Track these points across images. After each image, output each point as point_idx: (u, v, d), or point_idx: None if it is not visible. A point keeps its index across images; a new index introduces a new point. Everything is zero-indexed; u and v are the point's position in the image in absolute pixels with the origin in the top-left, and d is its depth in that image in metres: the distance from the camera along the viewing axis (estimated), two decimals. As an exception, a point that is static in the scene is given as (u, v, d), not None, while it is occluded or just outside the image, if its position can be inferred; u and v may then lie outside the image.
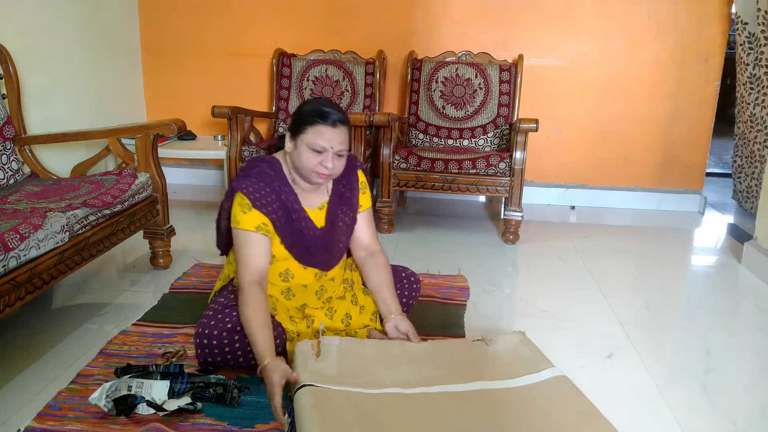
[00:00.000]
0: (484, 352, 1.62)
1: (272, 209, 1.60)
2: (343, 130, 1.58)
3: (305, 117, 1.57)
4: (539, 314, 2.15)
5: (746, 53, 3.20)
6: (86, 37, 3.15)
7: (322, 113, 1.55)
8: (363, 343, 1.66)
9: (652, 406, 1.59)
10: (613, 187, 3.65)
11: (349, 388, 1.43)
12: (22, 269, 1.60)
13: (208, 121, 3.66)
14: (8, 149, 2.30)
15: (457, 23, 3.48)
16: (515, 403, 1.40)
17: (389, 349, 1.64)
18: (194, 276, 2.34)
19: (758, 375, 1.80)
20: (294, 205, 1.65)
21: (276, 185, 1.63)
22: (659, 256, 2.84)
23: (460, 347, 1.68)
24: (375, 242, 1.84)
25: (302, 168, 1.60)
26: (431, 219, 3.37)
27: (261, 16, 3.57)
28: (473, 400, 1.42)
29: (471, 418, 1.35)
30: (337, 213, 1.73)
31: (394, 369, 1.53)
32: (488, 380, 1.49)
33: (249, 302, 1.52)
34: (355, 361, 1.55)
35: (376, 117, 2.78)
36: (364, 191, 1.81)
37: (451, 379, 1.50)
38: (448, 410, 1.38)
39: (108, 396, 1.43)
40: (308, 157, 1.57)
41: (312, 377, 1.43)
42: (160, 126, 2.29)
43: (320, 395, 1.37)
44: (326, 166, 1.57)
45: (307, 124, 1.56)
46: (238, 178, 1.63)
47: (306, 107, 1.60)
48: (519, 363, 1.55)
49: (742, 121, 3.37)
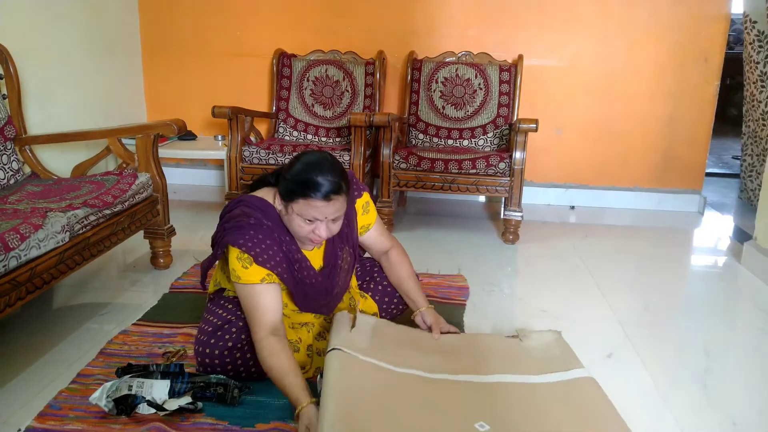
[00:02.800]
0: (516, 348, 1.61)
1: (275, 263, 1.49)
2: (338, 200, 1.45)
3: (295, 187, 1.44)
4: (539, 314, 2.15)
5: (756, 51, 3.19)
6: (86, 37, 3.15)
7: (314, 185, 1.42)
8: (397, 327, 1.71)
9: (651, 406, 1.59)
10: (613, 187, 3.65)
11: (376, 361, 1.48)
12: (23, 269, 1.60)
13: (208, 121, 3.66)
14: (9, 149, 2.30)
15: (457, 23, 3.48)
16: (536, 399, 1.40)
17: (421, 336, 1.68)
18: (194, 276, 2.34)
19: (758, 375, 1.80)
20: (296, 255, 1.56)
21: (276, 236, 1.52)
22: (659, 256, 2.84)
23: (492, 341, 1.68)
24: (389, 242, 1.81)
25: (294, 234, 1.53)
26: (431, 219, 3.37)
27: (261, 16, 3.57)
28: (495, 391, 1.43)
29: (489, 409, 1.36)
30: (335, 251, 1.65)
31: (423, 354, 1.56)
32: (514, 374, 1.48)
33: (266, 354, 1.42)
34: (387, 340, 1.60)
35: (376, 117, 2.78)
36: (368, 210, 1.73)
37: (477, 370, 1.50)
38: (468, 399, 1.39)
39: (108, 396, 1.43)
40: (300, 225, 1.47)
41: (344, 343, 1.48)
42: (161, 126, 2.29)
43: (348, 360, 1.44)
44: (319, 234, 1.47)
45: (299, 196, 1.44)
46: (233, 231, 1.48)
47: (297, 170, 1.46)
48: (548, 361, 1.54)
49: (752, 120, 3.38)
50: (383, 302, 1.81)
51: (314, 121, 3.42)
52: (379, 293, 1.82)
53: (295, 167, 1.47)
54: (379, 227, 1.78)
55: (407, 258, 1.82)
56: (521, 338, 1.65)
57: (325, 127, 3.42)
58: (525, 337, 1.65)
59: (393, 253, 1.80)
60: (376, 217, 1.76)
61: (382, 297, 1.82)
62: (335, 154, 2.93)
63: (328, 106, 3.43)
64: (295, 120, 3.44)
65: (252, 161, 2.96)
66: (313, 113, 3.43)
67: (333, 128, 3.41)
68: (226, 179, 3.05)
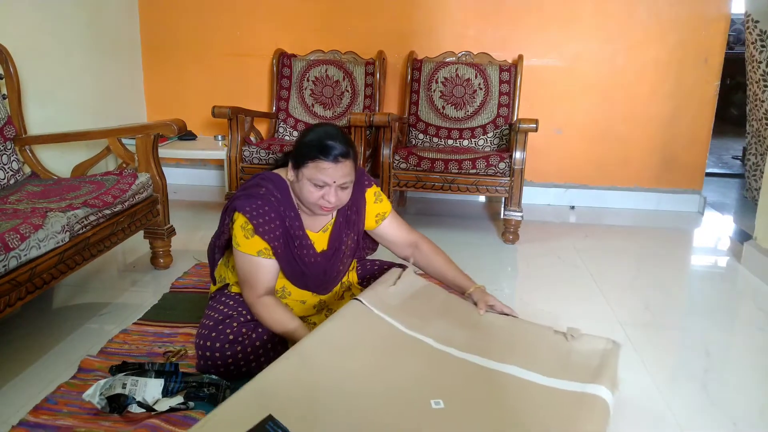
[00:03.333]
0: (555, 345, 1.52)
1: (274, 236, 1.56)
2: (346, 164, 1.52)
3: (307, 150, 1.51)
4: (539, 314, 2.14)
5: (758, 51, 3.19)
6: (86, 36, 3.15)
7: (324, 147, 1.49)
8: (443, 297, 1.71)
9: (651, 406, 1.59)
10: (613, 187, 3.65)
11: (389, 318, 1.52)
12: (23, 269, 1.60)
13: (208, 121, 3.66)
14: (9, 149, 2.30)
15: (457, 23, 3.48)
16: (525, 399, 1.32)
17: (465, 310, 1.67)
18: (195, 276, 2.34)
19: (758, 375, 1.80)
20: (297, 231, 1.61)
21: (282, 209, 1.59)
22: (659, 256, 2.84)
23: (535, 331, 1.60)
24: (413, 235, 1.82)
25: (304, 201, 1.57)
26: (431, 219, 3.37)
27: (261, 16, 3.57)
28: (488, 377, 1.39)
29: (473, 392, 1.33)
30: (341, 237, 1.69)
31: (449, 326, 1.55)
32: (524, 368, 1.41)
33: (264, 310, 1.55)
34: (421, 305, 1.61)
35: (376, 117, 2.79)
36: (380, 199, 1.77)
37: (491, 354, 1.45)
38: (451, 376, 1.38)
39: (102, 393, 1.44)
40: (309, 190, 1.53)
41: (370, 297, 1.56)
42: (161, 126, 2.29)
43: (359, 311, 1.50)
44: (329, 200, 1.53)
45: (308, 159, 1.50)
46: (242, 198, 1.57)
47: (308, 138, 1.54)
48: (578, 368, 1.42)
49: (756, 119, 3.38)
50: None
51: (314, 121, 3.42)
52: None
53: (306, 135, 1.55)
54: (396, 218, 1.81)
55: (438, 248, 1.82)
56: (567, 337, 1.55)
57: (325, 127, 3.41)
58: (574, 338, 1.54)
59: (424, 245, 1.80)
60: (390, 208, 1.79)
61: None
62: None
63: (328, 106, 3.43)
64: (295, 120, 3.44)
65: (252, 161, 2.96)
66: (313, 113, 3.43)
67: (333, 128, 3.40)
68: (226, 179, 3.05)
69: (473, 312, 1.68)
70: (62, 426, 1.40)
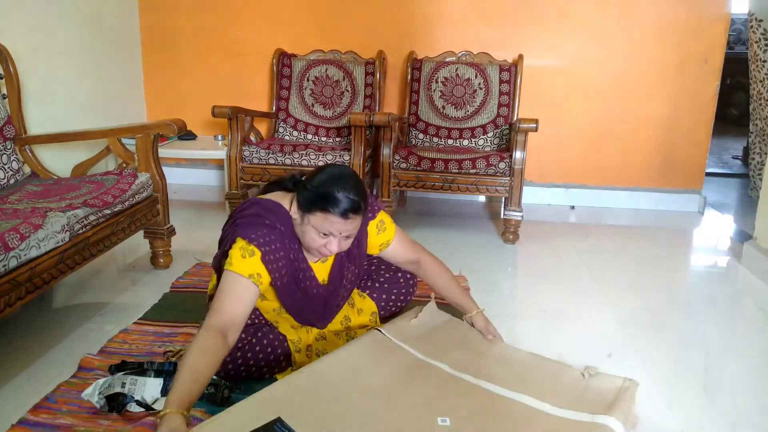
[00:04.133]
0: (570, 380, 1.51)
1: (277, 267, 1.48)
2: (355, 220, 1.44)
3: (317, 200, 1.42)
4: (539, 314, 2.15)
5: (762, 50, 3.19)
6: (86, 36, 3.15)
7: (335, 201, 1.40)
8: (463, 329, 1.75)
9: (652, 406, 1.59)
10: (613, 187, 3.65)
11: (407, 346, 1.58)
12: (23, 269, 1.60)
13: (208, 121, 3.66)
14: (8, 149, 2.30)
15: (457, 23, 3.48)
16: (532, 425, 1.32)
17: (479, 342, 1.69)
18: (195, 275, 2.34)
19: (758, 375, 1.80)
20: (302, 264, 1.55)
21: (286, 242, 1.51)
22: (659, 256, 2.84)
23: (552, 367, 1.59)
24: (416, 253, 1.76)
25: (304, 244, 1.51)
26: (431, 219, 3.37)
27: (261, 15, 3.57)
28: (498, 402, 1.40)
29: (480, 415, 1.34)
30: (342, 271, 1.64)
31: (465, 356, 1.58)
32: (537, 398, 1.40)
33: (198, 345, 1.30)
34: (440, 336, 1.66)
35: (376, 117, 2.79)
36: (383, 228, 1.68)
37: (505, 383, 1.46)
38: (468, 399, 1.40)
39: (101, 393, 1.44)
40: (312, 238, 1.46)
41: (389, 330, 1.63)
42: (161, 126, 2.29)
43: (378, 339, 1.57)
44: (330, 249, 1.46)
45: (318, 208, 1.42)
46: (246, 226, 1.46)
47: (321, 183, 1.43)
48: (591, 402, 1.41)
49: (760, 118, 3.38)
50: (381, 300, 1.82)
51: (314, 121, 3.43)
52: (377, 291, 1.83)
53: (317, 178, 1.45)
54: (399, 240, 1.72)
55: (443, 266, 1.78)
56: (586, 375, 1.54)
57: (325, 126, 3.42)
58: (591, 376, 1.53)
59: (427, 263, 1.76)
60: (395, 232, 1.71)
61: (380, 295, 1.83)
62: (335, 153, 2.94)
63: (328, 105, 3.43)
64: (295, 120, 3.44)
65: (252, 161, 2.96)
66: (313, 113, 3.43)
67: (333, 128, 3.41)
68: (226, 179, 3.05)
69: (493, 345, 1.68)
70: (62, 425, 1.40)
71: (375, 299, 1.82)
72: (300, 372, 1.38)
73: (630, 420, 1.40)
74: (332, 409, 1.26)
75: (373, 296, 1.82)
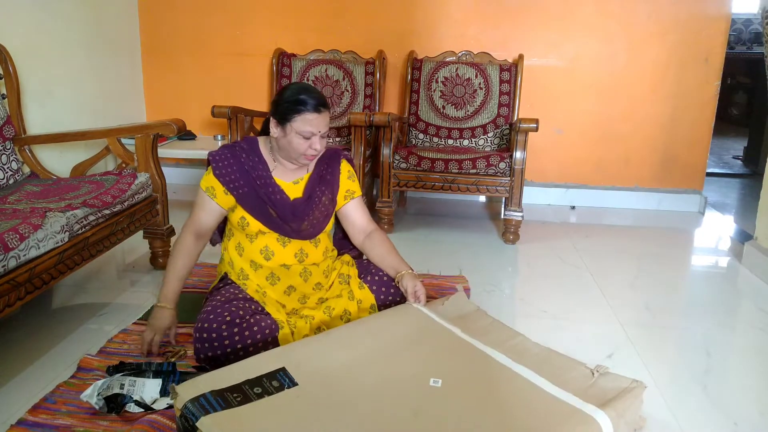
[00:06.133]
0: (579, 374, 1.51)
1: (230, 179, 1.72)
2: (326, 114, 1.69)
3: (291, 106, 1.66)
4: (539, 314, 2.15)
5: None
6: (86, 37, 3.15)
7: (305, 101, 1.65)
8: (489, 320, 1.82)
9: (652, 406, 1.59)
10: (613, 187, 3.65)
11: (431, 313, 1.69)
12: (22, 269, 1.60)
13: (208, 121, 3.66)
14: (8, 149, 2.30)
15: (457, 23, 3.48)
16: (521, 395, 1.36)
17: (503, 332, 1.74)
18: (195, 275, 2.34)
19: (758, 375, 1.80)
20: (260, 173, 1.75)
21: (243, 156, 1.75)
22: (659, 256, 2.84)
23: (566, 361, 1.60)
24: (370, 224, 1.93)
25: (292, 152, 1.70)
26: (431, 219, 3.36)
27: (261, 16, 3.57)
28: (496, 370, 1.45)
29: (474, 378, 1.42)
30: (315, 189, 1.81)
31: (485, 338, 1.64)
32: (536, 373, 1.43)
33: (178, 248, 1.75)
34: (465, 321, 1.73)
35: (376, 117, 2.78)
36: (353, 179, 1.90)
37: (512, 354, 1.53)
38: (468, 364, 1.48)
39: (100, 394, 1.44)
40: (298, 142, 1.67)
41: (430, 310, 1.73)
42: (160, 126, 2.29)
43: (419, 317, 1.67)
44: (315, 148, 1.69)
45: (294, 113, 1.65)
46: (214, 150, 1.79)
47: (289, 95, 1.67)
48: (591, 394, 1.40)
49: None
50: (380, 292, 1.84)
51: (314, 121, 3.42)
52: (376, 284, 1.85)
53: (285, 93, 1.69)
54: (362, 205, 1.92)
55: (389, 241, 1.93)
56: (595, 373, 1.53)
57: (325, 127, 3.41)
58: (601, 374, 1.52)
59: (377, 234, 1.91)
60: (360, 192, 1.92)
61: (379, 287, 1.84)
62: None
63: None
64: (295, 120, 3.43)
65: (252, 161, 2.96)
66: (313, 113, 3.43)
67: (333, 128, 3.40)
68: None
69: (515, 337, 1.70)
70: (61, 425, 1.40)
71: (374, 292, 1.83)
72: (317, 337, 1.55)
73: (636, 422, 1.42)
74: (333, 367, 1.39)
75: (372, 288, 1.84)
